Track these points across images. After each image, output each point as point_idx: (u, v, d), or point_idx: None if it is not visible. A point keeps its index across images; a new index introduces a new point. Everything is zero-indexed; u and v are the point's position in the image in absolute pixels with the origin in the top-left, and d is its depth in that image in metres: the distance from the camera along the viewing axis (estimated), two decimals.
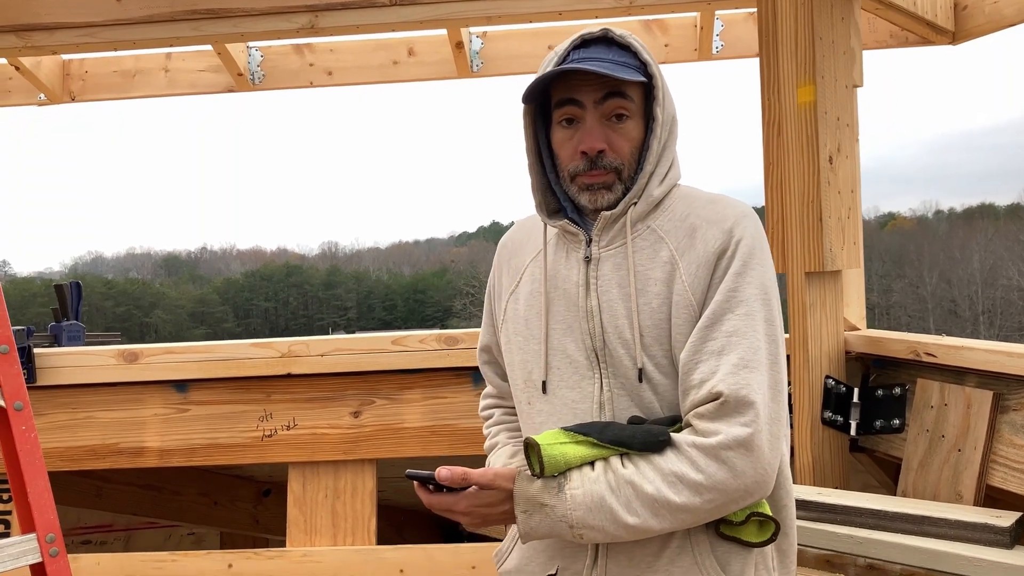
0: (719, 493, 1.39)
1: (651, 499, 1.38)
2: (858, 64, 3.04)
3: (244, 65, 4.17)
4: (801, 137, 2.87)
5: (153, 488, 4.38)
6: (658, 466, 1.40)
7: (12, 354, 1.88)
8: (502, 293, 1.72)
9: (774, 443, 1.42)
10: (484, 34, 4.16)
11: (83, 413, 3.37)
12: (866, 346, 2.95)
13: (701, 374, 1.43)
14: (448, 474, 1.42)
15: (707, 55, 4.14)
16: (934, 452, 2.63)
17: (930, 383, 2.69)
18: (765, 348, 1.44)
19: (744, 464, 1.38)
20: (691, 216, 1.55)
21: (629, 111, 1.53)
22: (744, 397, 1.39)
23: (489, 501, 1.45)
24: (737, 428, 1.38)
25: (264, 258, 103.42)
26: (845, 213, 2.91)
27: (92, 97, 4.37)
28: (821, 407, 2.91)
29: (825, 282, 2.92)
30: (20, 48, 3.42)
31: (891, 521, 2.36)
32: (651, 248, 1.54)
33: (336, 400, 3.29)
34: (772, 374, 1.44)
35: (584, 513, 1.40)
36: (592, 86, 1.51)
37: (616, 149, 1.53)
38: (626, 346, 1.50)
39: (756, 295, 1.47)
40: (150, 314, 79.21)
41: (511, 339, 1.66)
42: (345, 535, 3.25)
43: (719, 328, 1.45)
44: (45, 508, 1.86)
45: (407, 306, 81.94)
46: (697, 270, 1.49)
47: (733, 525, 1.47)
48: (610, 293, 1.53)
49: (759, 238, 1.52)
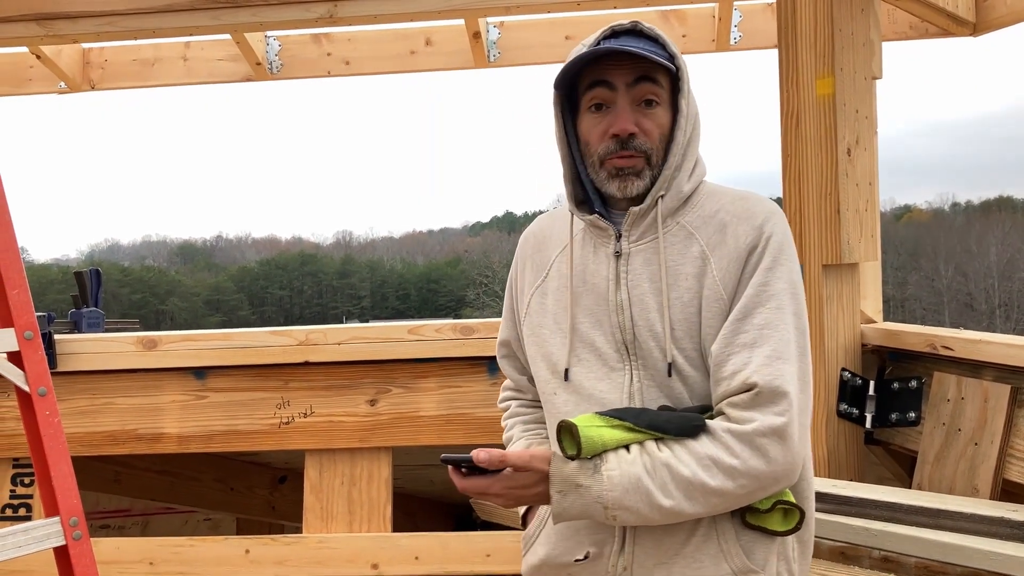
0: (752, 479, 1.42)
1: (687, 481, 1.41)
2: (877, 56, 3.03)
3: (262, 54, 4.19)
4: (820, 129, 2.87)
5: (170, 474, 4.41)
6: (693, 450, 1.43)
7: (36, 340, 1.90)
8: (524, 288, 1.73)
9: (803, 433, 1.45)
10: (501, 24, 4.16)
11: (103, 399, 3.40)
12: (882, 339, 2.94)
13: (734, 365, 1.46)
14: (486, 456, 1.44)
15: (725, 46, 4.13)
16: (950, 446, 2.63)
17: (947, 376, 2.69)
18: (795, 340, 1.47)
19: (777, 451, 1.41)
20: (721, 212, 1.57)
21: (659, 97, 1.55)
22: (778, 387, 1.42)
23: (524, 483, 1.48)
24: (771, 417, 1.42)
25: (279, 247, 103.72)
26: (863, 205, 2.91)
27: (112, 85, 4.39)
28: (837, 399, 2.91)
29: (842, 275, 2.92)
30: (42, 37, 3.44)
31: (906, 514, 2.36)
32: (682, 244, 1.56)
33: (353, 388, 3.31)
34: (801, 365, 1.47)
35: (620, 494, 1.42)
36: (624, 69, 1.53)
37: (647, 133, 1.55)
38: (656, 339, 1.53)
39: (786, 289, 1.49)
40: (166, 301, 79.63)
41: (536, 332, 1.67)
42: (361, 522, 3.27)
43: (751, 321, 1.47)
44: (68, 492, 1.89)
45: (420, 295, 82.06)
46: (728, 265, 1.52)
47: (759, 514, 1.49)
48: (641, 287, 1.55)
49: (787, 235, 1.55)
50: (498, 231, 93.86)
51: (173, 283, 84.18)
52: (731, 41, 4.12)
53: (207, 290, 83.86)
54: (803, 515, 1.50)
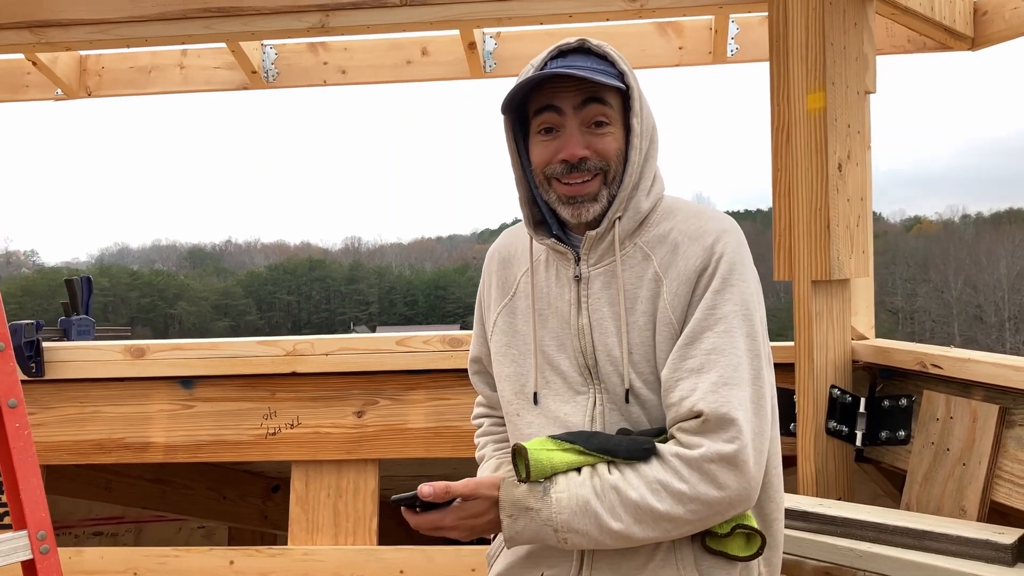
0: (702, 504, 1.39)
1: (635, 505, 1.39)
2: (871, 70, 3.00)
3: (258, 63, 4.18)
4: (810, 144, 2.84)
5: (162, 482, 4.40)
6: (643, 474, 1.41)
7: (7, 351, 1.89)
8: (491, 305, 1.72)
9: (759, 457, 1.42)
10: (497, 35, 4.15)
11: (90, 407, 3.39)
12: (873, 356, 2.91)
13: (681, 392, 1.43)
14: (430, 490, 1.43)
15: (722, 58, 4.10)
16: (939, 465, 2.59)
17: (936, 395, 2.65)
18: (747, 363, 1.44)
19: (728, 478, 1.38)
20: (673, 232, 1.54)
21: (609, 117, 1.52)
22: (725, 415, 1.39)
23: (475, 511, 1.46)
24: (720, 444, 1.39)
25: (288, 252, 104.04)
26: (854, 221, 2.88)
27: (108, 93, 4.39)
28: (826, 417, 2.88)
29: (832, 291, 2.89)
30: (34, 44, 3.44)
31: (892, 535, 2.33)
32: (639, 266, 1.53)
33: (340, 399, 3.29)
34: (755, 389, 1.43)
35: (569, 516, 1.40)
36: (571, 92, 1.51)
37: (600, 153, 1.52)
38: (614, 364, 1.51)
39: (736, 311, 1.46)
40: (174, 305, 79.91)
41: (502, 351, 1.66)
42: (347, 534, 3.25)
43: (698, 346, 1.44)
44: (37, 505, 1.87)
45: (428, 302, 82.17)
46: (678, 288, 1.49)
47: (719, 538, 1.46)
48: (600, 311, 1.53)
49: (740, 252, 1.50)
50: None
51: (182, 287, 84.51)
52: (728, 53, 4.09)
53: (216, 295, 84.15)
54: (764, 541, 1.47)
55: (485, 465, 1.76)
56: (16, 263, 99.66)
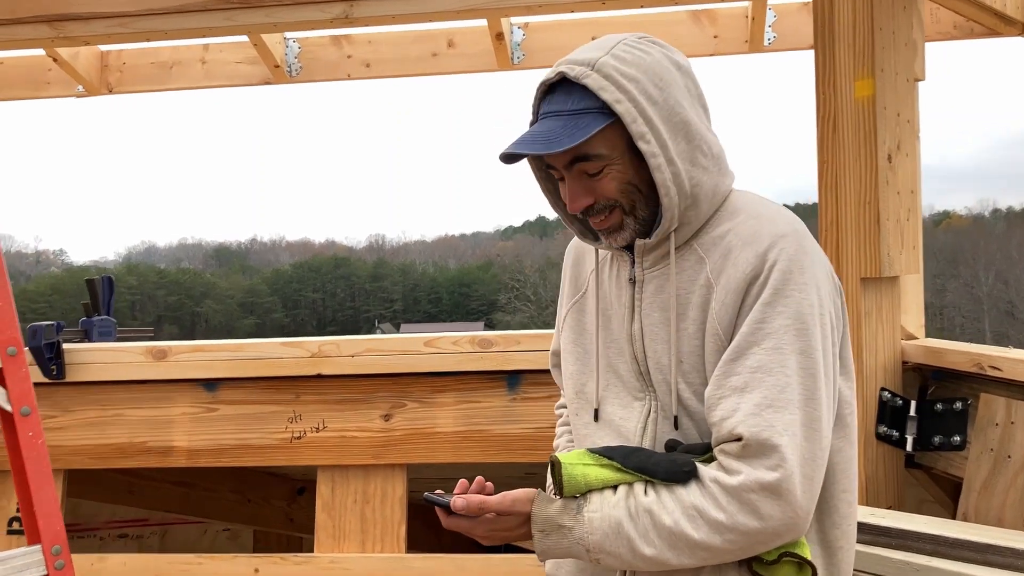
0: (741, 535, 1.29)
1: (668, 531, 1.30)
2: (920, 57, 2.85)
3: (281, 57, 4.10)
4: (858, 134, 2.70)
5: (185, 485, 4.33)
6: (680, 498, 1.31)
7: (20, 356, 1.80)
8: (564, 301, 1.67)
9: (808, 485, 1.29)
10: (526, 25, 4.03)
11: (112, 411, 3.31)
12: (925, 356, 2.77)
13: (722, 412, 1.33)
14: (464, 504, 1.37)
15: (759, 47, 3.96)
16: (999, 473, 2.45)
17: (995, 399, 2.51)
18: (798, 383, 1.30)
19: (771, 508, 1.27)
20: (730, 234, 1.41)
21: (604, 160, 1.39)
22: (766, 440, 1.28)
23: (508, 525, 1.41)
24: (762, 471, 1.28)
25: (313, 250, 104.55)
26: (904, 215, 2.74)
27: (130, 89, 4.32)
28: (876, 421, 2.74)
29: (882, 288, 2.75)
30: (53, 38, 3.37)
31: (951, 548, 2.19)
32: (692, 270, 1.42)
33: (366, 402, 3.19)
34: (806, 412, 1.30)
35: (601, 538, 1.33)
36: (557, 153, 1.39)
37: (604, 196, 1.41)
38: (663, 373, 1.42)
39: (788, 326, 1.32)
40: (201, 304, 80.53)
41: (568, 348, 1.61)
42: (374, 542, 3.15)
43: (743, 363, 1.32)
44: (52, 518, 1.78)
45: (452, 299, 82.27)
46: (726, 297, 1.37)
47: (766, 564, 1.36)
48: (652, 317, 1.44)
49: (799, 259, 1.35)
50: (530, 235, 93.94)
51: (208, 285, 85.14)
52: (765, 42, 3.95)
53: (241, 292, 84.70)
54: (815, 572, 1.35)
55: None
56: (45, 262, 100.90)
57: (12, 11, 3.31)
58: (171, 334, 61.34)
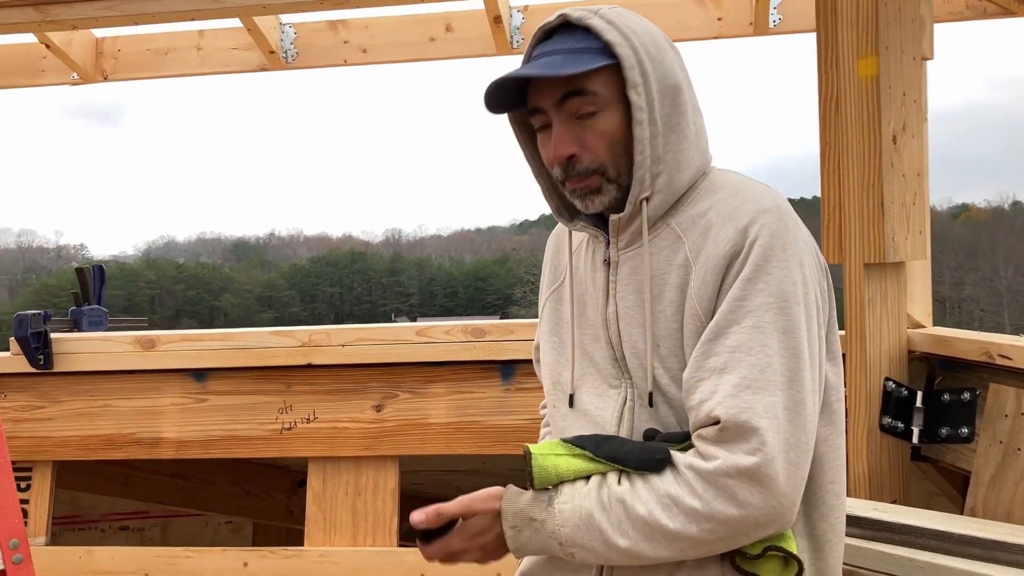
0: (719, 524, 1.20)
1: (642, 521, 1.22)
2: (928, 34, 2.74)
3: (276, 43, 4.02)
4: (862, 114, 2.59)
5: (182, 477, 4.28)
6: (654, 486, 1.23)
7: None
8: (543, 289, 1.60)
9: (792, 471, 1.20)
10: (525, 8, 3.94)
11: (100, 401, 3.25)
12: (931, 345, 2.66)
13: (701, 394, 1.24)
14: (421, 516, 1.29)
15: (764, 29, 3.85)
16: (1008, 467, 2.35)
17: (1005, 389, 2.40)
18: (780, 364, 1.22)
19: (750, 495, 1.19)
20: (710, 212, 1.33)
21: (597, 104, 1.32)
22: (745, 423, 1.19)
23: (479, 528, 1.31)
24: (739, 456, 1.19)
25: (330, 244, 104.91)
26: (910, 199, 2.63)
27: (125, 76, 4.26)
28: (880, 412, 2.64)
29: (886, 274, 2.64)
30: (40, 22, 3.30)
31: (957, 544, 2.09)
32: (669, 248, 1.34)
33: (358, 393, 3.12)
34: (789, 394, 1.22)
35: (572, 530, 1.25)
36: (549, 88, 1.32)
37: (590, 148, 1.33)
38: (639, 357, 1.34)
39: (769, 304, 1.24)
40: (219, 298, 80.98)
41: (546, 338, 1.54)
42: (366, 535, 3.08)
43: (722, 342, 1.24)
44: (9, 512, 1.71)
45: (468, 293, 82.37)
46: (706, 275, 1.28)
47: (749, 559, 1.27)
48: (627, 299, 1.36)
49: (781, 236, 1.27)
50: (546, 229, 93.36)
51: (227, 280, 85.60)
52: (770, 24, 3.84)
53: (260, 287, 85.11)
54: (802, 567, 1.26)
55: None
56: (66, 256, 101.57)
57: None
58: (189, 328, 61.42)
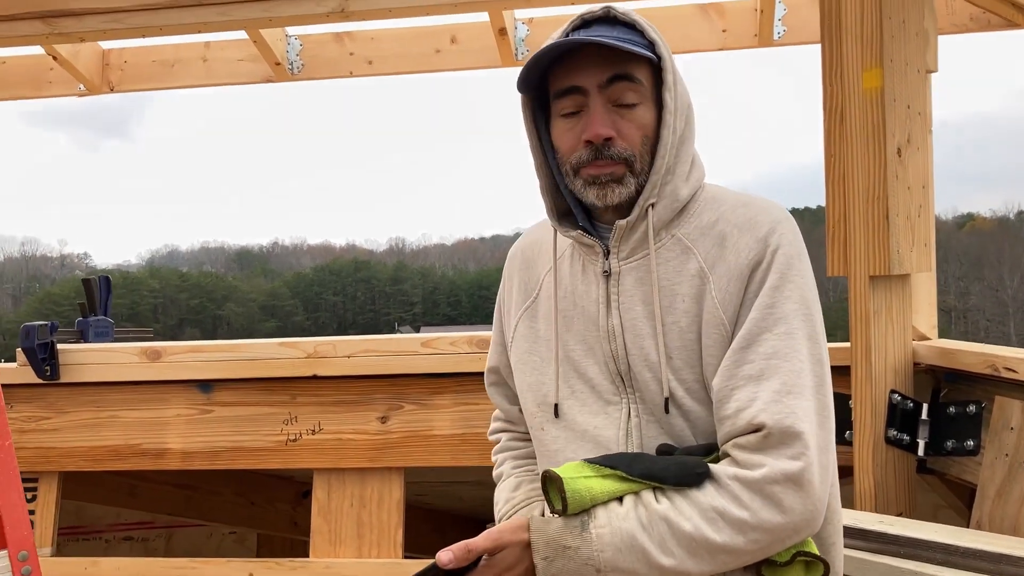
0: (765, 532, 1.21)
1: (688, 538, 1.21)
2: (932, 47, 2.75)
3: (282, 54, 4.04)
4: (866, 126, 2.60)
5: (188, 487, 4.28)
6: (696, 501, 1.23)
7: None
8: (512, 309, 1.55)
9: (824, 476, 1.24)
10: (530, 20, 3.96)
11: (106, 412, 3.26)
12: (937, 358, 2.66)
13: (738, 402, 1.24)
14: (449, 556, 1.23)
15: (768, 41, 3.87)
16: (1014, 480, 2.34)
17: (1010, 402, 2.40)
18: (810, 370, 1.25)
19: (794, 500, 1.20)
20: (720, 222, 1.35)
21: (638, 95, 1.33)
22: (790, 427, 1.21)
23: (508, 563, 1.27)
24: (784, 462, 1.20)
25: (333, 253, 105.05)
26: (915, 211, 2.63)
27: (131, 87, 4.28)
28: (885, 424, 2.64)
29: (892, 287, 2.65)
30: (48, 35, 3.32)
31: (963, 557, 2.09)
32: (678, 259, 1.34)
33: (363, 404, 3.12)
34: (819, 399, 1.25)
35: (613, 554, 1.23)
36: (595, 68, 1.32)
37: (626, 137, 1.33)
38: (652, 370, 1.33)
39: (797, 311, 1.27)
40: (223, 307, 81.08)
41: (523, 359, 1.49)
42: (371, 547, 3.08)
43: (756, 350, 1.26)
44: (18, 523, 1.72)
45: (471, 302, 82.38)
46: (728, 284, 1.30)
47: (777, 567, 1.27)
48: (633, 311, 1.35)
49: (797, 246, 1.32)
50: None
51: (230, 289, 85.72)
52: (774, 36, 3.86)
53: (263, 296, 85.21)
54: (828, 567, 1.27)
55: (503, 484, 1.61)
56: (70, 265, 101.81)
57: (6, 7, 3.27)
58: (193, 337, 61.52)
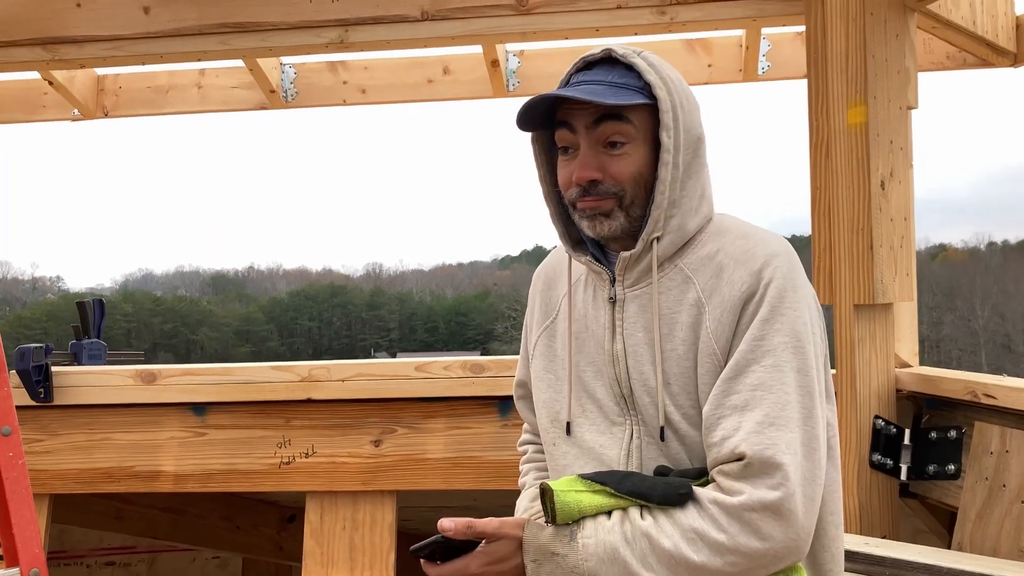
0: (743, 556, 1.26)
1: (668, 555, 1.27)
2: (913, 84, 2.86)
3: (277, 82, 4.10)
4: (851, 160, 2.70)
5: (174, 511, 4.28)
6: (678, 521, 1.29)
7: (2, 375, 1.77)
8: (533, 327, 1.63)
9: (810, 505, 1.28)
10: (521, 53, 4.05)
11: (100, 434, 3.27)
12: (919, 384, 2.75)
13: (723, 431, 1.31)
14: (451, 524, 1.32)
15: (753, 76, 3.98)
16: (994, 503, 2.42)
17: (989, 427, 2.49)
18: (797, 402, 1.30)
19: (773, 529, 1.26)
20: (720, 253, 1.41)
21: (627, 136, 1.39)
22: (769, 459, 1.26)
23: (501, 555, 1.35)
24: (763, 491, 1.26)
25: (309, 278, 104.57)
26: (897, 242, 2.73)
27: (125, 113, 4.33)
28: (869, 449, 2.72)
29: (875, 315, 2.74)
30: (48, 61, 3.37)
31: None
32: (678, 289, 1.41)
33: (356, 428, 3.16)
34: (806, 430, 1.30)
35: (596, 564, 1.29)
36: (584, 110, 1.39)
37: (613, 176, 1.39)
38: (651, 395, 1.39)
39: (786, 344, 1.32)
40: (197, 332, 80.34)
41: (540, 376, 1.57)
42: (363, 569, 3.11)
43: (743, 381, 1.31)
44: (30, 541, 1.75)
45: (449, 328, 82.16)
46: (722, 315, 1.36)
47: None
48: (636, 337, 1.42)
49: (792, 279, 1.36)
50: (528, 265, 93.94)
51: (205, 313, 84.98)
52: (759, 71, 3.97)
53: (238, 320, 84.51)
54: None
55: (525, 493, 1.66)
56: (42, 288, 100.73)
57: (7, 33, 3.32)
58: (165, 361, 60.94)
